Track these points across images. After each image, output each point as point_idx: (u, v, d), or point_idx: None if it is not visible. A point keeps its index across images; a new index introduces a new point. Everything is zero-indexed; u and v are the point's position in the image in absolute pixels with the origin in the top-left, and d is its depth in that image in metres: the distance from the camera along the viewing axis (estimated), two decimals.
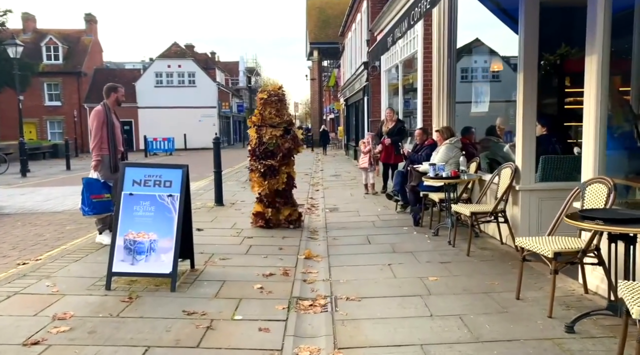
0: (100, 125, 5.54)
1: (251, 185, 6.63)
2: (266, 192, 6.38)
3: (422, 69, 9.11)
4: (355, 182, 12.37)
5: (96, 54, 37.72)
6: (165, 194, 4.23)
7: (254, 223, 6.62)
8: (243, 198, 9.50)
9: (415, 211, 6.65)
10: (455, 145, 6.48)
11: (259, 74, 66.51)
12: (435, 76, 7.78)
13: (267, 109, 6.36)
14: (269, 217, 6.51)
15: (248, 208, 8.19)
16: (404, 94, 11.25)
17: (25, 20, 35.49)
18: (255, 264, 4.93)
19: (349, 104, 23.31)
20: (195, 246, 5.49)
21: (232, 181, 12.69)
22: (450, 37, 7.47)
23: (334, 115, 40.82)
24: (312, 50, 37.67)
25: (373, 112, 14.84)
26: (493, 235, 5.78)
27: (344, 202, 9.04)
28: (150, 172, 4.28)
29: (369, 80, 14.98)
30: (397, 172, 7.64)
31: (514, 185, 5.13)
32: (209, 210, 8.11)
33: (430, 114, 8.99)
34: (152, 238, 4.13)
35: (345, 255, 5.23)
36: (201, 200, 9.17)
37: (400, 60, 10.95)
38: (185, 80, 36.49)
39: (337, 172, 15.39)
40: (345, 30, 22.90)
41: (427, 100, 9.07)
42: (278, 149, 6.32)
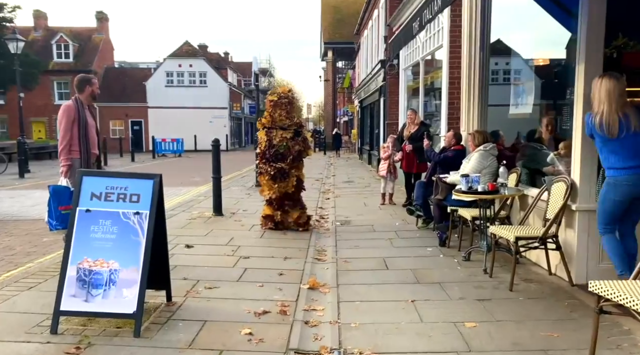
0: (70, 123, 4.68)
1: (261, 188, 6.55)
2: (276, 195, 6.33)
3: (447, 66, 8.13)
4: (369, 189, 11.41)
5: (107, 52, 37.31)
6: (132, 211, 3.34)
7: (263, 225, 6.60)
8: (246, 206, 8.60)
9: (442, 229, 5.67)
10: (490, 153, 5.50)
11: (272, 75, 65.88)
12: (465, 73, 6.79)
13: (277, 111, 6.30)
14: (278, 219, 6.49)
15: (249, 219, 7.30)
16: (424, 94, 10.27)
17: (37, 18, 35.23)
18: (247, 295, 4.01)
19: (363, 106, 22.35)
20: (179, 269, 4.65)
21: (237, 186, 11.82)
22: (484, 28, 6.49)
23: (348, 117, 39.88)
24: (326, 51, 36.83)
25: (390, 114, 13.86)
26: (537, 263, 4.78)
27: (357, 213, 8.08)
28: (114, 182, 3.39)
29: (386, 80, 14.02)
30: (419, 183, 6.66)
31: (569, 204, 4.14)
32: (205, 221, 7.23)
33: (457, 116, 8.01)
34: (113, 267, 3.24)
35: (357, 285, 4.29)
36: (199, 208, 8.30)
37: (422, 56, 9.97)
38: (197, 80, 35.83)
39: (350, 177, 14.44)
40: (361, 29, 21.96)
41: (453, 101, 8.09)
42: (288, 151, 6.25)
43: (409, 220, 7.21)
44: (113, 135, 33.39)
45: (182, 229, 6.61)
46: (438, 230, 5.73)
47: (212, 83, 36.07)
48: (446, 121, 8.19)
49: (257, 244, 5.82)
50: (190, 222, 7.08)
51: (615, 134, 3.48)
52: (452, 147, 6.68)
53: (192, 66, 35.48)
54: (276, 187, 6.27)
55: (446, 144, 6.84)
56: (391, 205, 8.71)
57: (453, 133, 6.77)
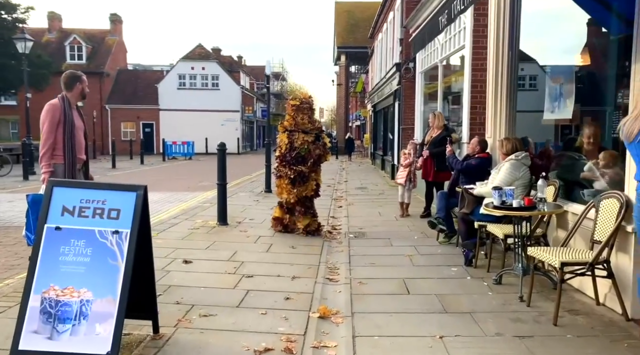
0: (55, 124, 4.19)
1: (278, 191, 6.51)
2: (295, 198, 6.33)
3: (470, 69, 7.53)
4: (383, 197, 10.82)
5: (120, 54, 37.26)
6: (110, 229, 2.82)
7: (274, 227, 6.65)
8: (253, 215, 8.07)
9: (468, 247, 5.07)
10: (522, 162, 4.90)
11: (285, 79, 65.61)
12: (492, 76, 6.21)
13: (299, 115, 6.33)
14: (287, 223, 6.53)
15: (256, 230, 6.78)
16: (443, 98, 9.67)
17: (51, 20, 35.32)
18: (248, 325, 3.47)
19: (376, 111, 21.78)
20: (173, 290, 4.12)
21: (245, 192, 11.31)
22: (513, 26, 5.91)
23: (360, 122, 39.31)
24: (339, 55, 36.29)
25: (405, 119, 13.27)
26: (580, 289, 4.17)
27: (372, 224, 7.50)
28: (90, 195, 2.87)
29: (401, 84, 13.44)
30: (441, 194, 6.07)
31: (623, 225, 3.53)
32: (208, 231, 6.71)
33: (480, 122, 7.42)
34: (85, 297, 2.72)
35: (375, 315, 3.72)
36: (204, 216, 7.79)
37: (441, 58, 9.39)
38: (209, 82, 35.56)
39: (363, 184, 13.85)
40: (375, 32, 21.41)
41: (475, 105, 7.49)
42: (309, 155, 6.25)
43: (428, 233, 6.62)
44: (124, 137, 33.24)
45: (183, 240, 6.10)
46: (464, 247, 5.13)
47: (225, 86, 35.78)
48: (468, 127, 7.58)
49: (263, 260, 5.27)
50: (192, 232, 6.57)
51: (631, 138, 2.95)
52: (476, 154, 6.10)
53: (204, 69, 35.23)
54: (295, 191, 6.25)
55: (470, 151, 6.26)
56: (407, 217, 8.10)
57: (478, 139, 6.19)
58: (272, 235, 6.53)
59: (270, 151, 11.83)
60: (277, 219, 6.59)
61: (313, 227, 6.49)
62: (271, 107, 56.15)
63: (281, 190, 6.38)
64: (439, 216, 5.86)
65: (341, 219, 8.01)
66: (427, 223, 6.03)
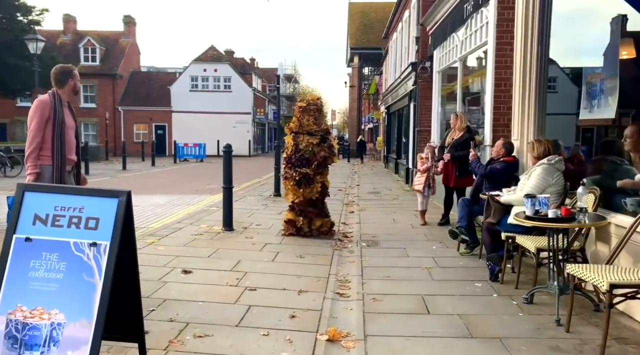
0: (44, 122, 3.85)
1: (285, 193, 6.56)
2: (300, 200, 6.29)
3: (493, 66, 7.05)
4: (398, 202, 10.36)
5: (134, 56, 37.32)
6: (87, 241, 2.44)
7: (285, 230, 6.53)
8: (260, 220, 7.68)
9: (494, 260, 4.60)
10: (556, 167, 4.43)
11: (297, 82, 65.42)
12: (519, 73, 5.74)
13: (305, 117, 6.33)
14: (300, 225, 6.43)
15: (262, 236, 6.39)
16: (463, 98, 9.19)
17: (66, 22, 35.51)
18: (247, 349, 3.07)
19: (390, 112, 21.30)
20: (168, 304, 3.75)
21: (254, 196, 10.93)
22: (543, 19, 5.45)
23: (373, 124, 38.85)
24: (352, 56, 35.95)
25: (420, 121, 12.79)
26: (627, 312, 3.68)
27: (386, 231, 7.05)
28: (65, 201, 2.50)
29: (417, 84, 12.97)
30: (463, 202, 5.60)
31: None
32: (212, 237, 6.33)
33: (504, 123, 6.94)
34: (56, 320, 2.34)
35: (391, 338, 3.29)
36: (209, 221, 7.42)
37: (461, 56, 8.91)
38: (221, 84, 35.38)
39: (376, 188, 13.39)
40: (390, 32, 20.96)
41: (499, 106, 7.01)
42: (314, 157, 6.23)
43: (447, 242, 6.16)
44: (137, 139, 33.20)
45: (185, 247, 5.72)
46: (489, 261, 4.66)
47: (237, 88, 35.59)
48: (491, 129, 7.10)
49: (268, 270, 4.87)
50: (195, 238, 6.19)
51: None
52: (501, 158, 5.64)
53: (217, 71, 35.09)
54: (301, 193, 6.24)
55: (494, 155, 5.81)
56: (423, 226, 7.63)
57: (503, 142, 5.73)
58: (279, 243, 6.13)
59: (280, 154, 11.45)
60: (289, 221, 6.51)
61: (325, 228, 6.46)
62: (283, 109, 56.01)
63: (287, 191, 6.43)
64: (461, 225, 5.40)
65: (353, 226, 7.58)
66: (448, 233, 5.57)
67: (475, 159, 6.01)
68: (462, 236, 5.39)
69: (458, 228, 5.42)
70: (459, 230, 5.39)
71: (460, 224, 5.44)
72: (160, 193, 11.80)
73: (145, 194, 11.57)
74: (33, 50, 15.30)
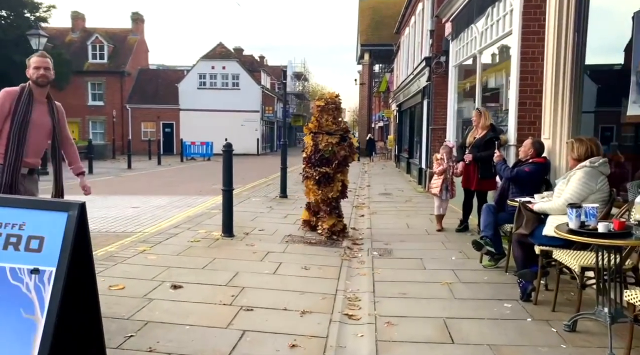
0: (3, 116, 3.34)
1: (305, 192, 6.63)
2: (318, 199, 6.32)
3: (518, 58, 6.44)
4: (411, 205, 9.77)
5: (142, 53, 37.01)
6: (27, 267, 1.92)
7: (303, 228, 6.68)
8: (263, 225, 7.15)
9: (526, 277, 4.01)
10: (600, 171, 3.84)
11: (307, 80, 64.92)
12: (551, 64, 5.14)
13: (324, 116, 6.28)
14: (315, 224, 6.52)
15: (265, 244, 5.86)
16: (482, 93, 8.56)
17: (75, 19, 35.30)
18: None
19: (402, 110, 20.66)
20: (150, 328, 3.25)
21: (259, 197, 10.41)
22: (581, 5, 4.84)
23: (383, 123, 38.17)
24: (362, 53, 35.30)
25: (435, 118, 12.17)
26: None
27: (399, 238, 6.48)
28: (3, 214, 1.98)
29: (431, 80, 12.34)
30: (487, 208, 5.01)
31: None
32: (209, 244, 5.81)
33: (530, 120, 6.35)
34: None
35: None
36: (208, 225, 6.90)
37: (480, 48, 8.29)
38: (229, 82, 34.92)
39: (387, 189, 12.80)
40: (402, 27, 20.31)
41: (524, 101, 6.40)
42: (334, 156, 6.21)
43: (468, 252, 5.58)
44: (144, 137, 32.92)
45: (178, 256, 5.21)
46: (520, 278, 4.07)
47: (245, 86, 35.12)
48: (515, 127, 6.48)
49: (268, 285, 4.33)
50: (190, 246, 5.67)
51: None
52: (529, 159, 5.06)
53: (225, 68, 34.64)
54: (320, 192, 6.25)
55: (522, 156, 5.23)
56: (440, 231, 7.05)
57: (532, 141, 5.15)
58: (282, 251, 5.59)
59: (286, 153, 10.95)
60: (305, 221, 6.66)
61: (338, 228, 6.31)
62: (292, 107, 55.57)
63: (308, 191, 6.47)
64: (486, 235, 4.81)
65: (363, 231, 7.03)
66: (472, 244, 4.97)
67: (500, 160, 5.42)
68: (487, 248, 4.80)
69: (483, 238, 4.83)
70: (484, 241, 4.80)
71: (485, 233, 4.85)
72: (162, 194, 11.33)
73: (146, 194, 11.13)
74: (36, 46, 14.92)
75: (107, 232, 6.75)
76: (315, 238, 6.38)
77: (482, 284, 4.49)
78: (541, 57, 6.32)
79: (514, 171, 5.08)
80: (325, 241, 6.22)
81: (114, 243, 5.91)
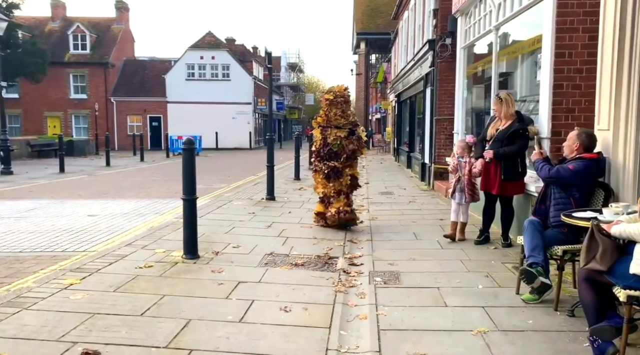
0: None
1: (315, 185, 6.70)
2: (329, 193, 6.39)
3: (553, 29, 5.13)
4: (415, 207, 8.50)
5: (127, 44, 35.35)
6: None
7: (316, 222, 6.65)
8: (240, 239, 5.84)
9: (603, 335, 2.73)
10: None
11: (302, 71, 63.21)
12: (611, 29, 3.84)
13: (332, 110, 6.31)
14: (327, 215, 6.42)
15: (235, 270, 4.58)
16: (498, 77, 7.26)
17: (55, 8, 33.58)
18: None
19: (400, 101, 19.32)
20: None
21: (242, 200, 9.10)
22: None
23: (380, 115, 36.83)
24: (358, 42, 33.78)
25: (439, 108, 10.86)
26: None
27: (408, 254, 5.21)
28: None
29: (434, 65, 11.01)
30: (531, 225, 3.74)
31: None
32: (163, 272, 4.49)
33: (567, 107, 5.13)
34: None
35: None
36: (169, 243, 5.57)
37: (498, 23, 6.97)
38: (219, 73, 33.37)
39: (388, 187, 11.52)
40: (401, 11, 18.92)
41: (561, 83, 5.12)
42: (342, 150, 6.26)
43: (496, 275, 4.36)
44: (130, 131, 31.43)
45: (114, 293, 3.89)
46: (594, 335, 2.79)
47: (236, 76, 33.59)
48: (548, 114, 5.20)
49: (228, 345, 3.04)
50: (136, 276, 4.34)
51: None
52: (576, 155, 3.82)
53: (214, 58, 33.07)
54: (331, 186, 6.33)
55: (567, 152, 3.98)
56: (460, 241, 5.78)
57: (577, 133, 3.91)
58: (258, 280, 4.30)
59: (272, 148, 9.65)
60: (319, 213, 6.61)
61: (347, 216, 6.28)
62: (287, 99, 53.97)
63: (317, 184, 6.56)
64: (536, 262, 3.53)
65: (362, 245, 5.75)
66: (521, 274, 3.64)
67: (540, 158, 4.14)
68: (541, 279, 3.51)
69: (533, 266, 3.54)
70: (535, 270, 3.51)
71: (534, 259, 3.57)
72: (131, 196, 9.99)
73: (113, 197, 9.78)
74: None
75: (43, 252, 5.43)
76: (303, 255, 5.12)
77: (529, 333, 3.22)
78: (582, 27, 5.07)
79: (554, 169, 3.83)
80: (314, 261, 4.96)
81: (41, 270, 4.61)
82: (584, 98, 5.03)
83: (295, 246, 5.53)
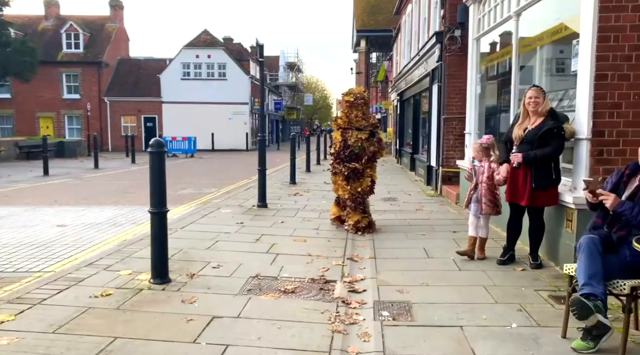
0: None
1: (334, 188, 6.58)
2: (349, 195, 6.32)
3: (595, 7, 4.30)
4: (423, 216, 7.66)
5: (121, 43, 34.48)
6: None
7: (333, 222, 6.63)
8: (223, 256, 5.01)
9: None
10: None
11: (301, 70, 62.37)
12: None
13: (353, 112, 6.27)
14: (345, 218, 6.42)
15: (212, 298, 3.74)
16: (519, 71, 6.42)
17: (48, 6, 32.74)
18: None
19: (403, 100, 18.47)
20: None
21: (231, 207, 8.26)
22: None
23: (381, 115, 36.00)
24: (359, 40, 33.06)
25: (449, 106, 10.03)
26: None
27: (419, 279, 4.38)
28: None
29: (442, 60, 10.18)
30: (589, 245, 2.89)
31: None
32: (122, 303, 3.65)
33: (614, 102, 4.29)
34: None
35: None
36: (139, 262, 4.74)
37: (519, 9, 6.14)
38: (215, 72, 32.50)
39: (391, 192, 10.68)
40: (403, 5, 18.10)
41: (605, 74, 4.29)
42: (363, 152, 6.24)
43: (531, 308, 3.54)
44: (124, 132, 30.58)
45: (53, 336, 3.05)
46: None
47: (233, 76, 32.73)
48: (589, 111, 4.36)
49: None
50: (88, 308, 3.50)
51: None
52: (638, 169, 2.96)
53: (210, 57, 32.21)
54: (349, 188, 6.30)
55: None
56: (480, 260, 4.95)
57: None
58: (237, 315, 3.47)
59: (264, 150, 8.87)
60: (337, 217, 6.60)
61: (364, 224, 6.21)
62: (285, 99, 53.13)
63: (337, 187, 6.50)
64: (595, 294, 2.70)
65: (365, 264, 4.92)
66: (576, 307, 2.75)
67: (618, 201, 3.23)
68: (599, 318, 2.67)
69: (590, 298, 2.70)
70: (593, 304, 2.66)
71: (591, 289, 2.73)
72: (111, 203, 9.15)
73: (90, 204, 8.93)
74: None
75: None
76: (294, 278, 4.30)
77: None
78: (632, 5, 4.23)
79: None
80: (308, 286, 4.14)
81: None
82: (633, 91, 4.21)
83: (285, 266, 4.70)
